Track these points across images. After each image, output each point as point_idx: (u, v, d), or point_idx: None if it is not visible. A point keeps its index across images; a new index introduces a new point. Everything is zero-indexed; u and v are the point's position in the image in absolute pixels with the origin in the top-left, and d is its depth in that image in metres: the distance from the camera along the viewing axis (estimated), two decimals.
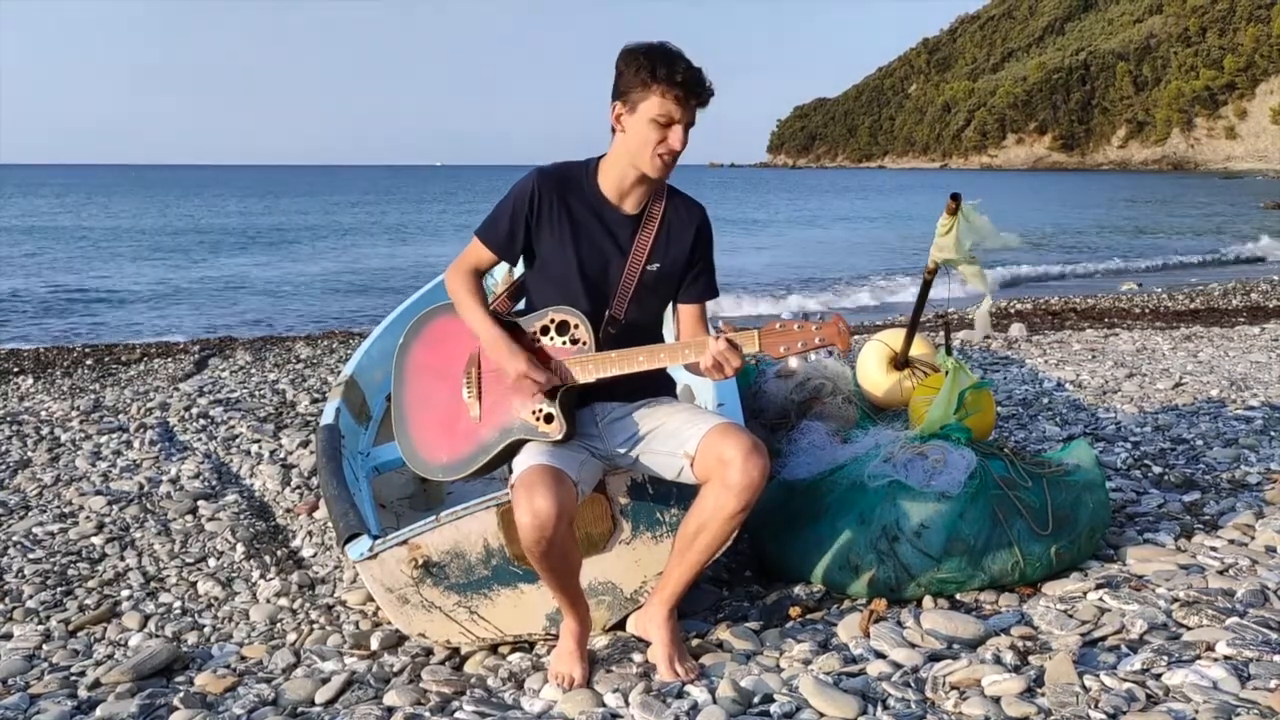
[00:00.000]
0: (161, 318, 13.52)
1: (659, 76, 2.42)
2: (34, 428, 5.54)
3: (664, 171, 2.53)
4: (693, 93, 2.44)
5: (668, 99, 2.43)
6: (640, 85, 2.44)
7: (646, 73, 2.43)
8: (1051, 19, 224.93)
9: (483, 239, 2.69)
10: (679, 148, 2.49)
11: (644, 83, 2.44)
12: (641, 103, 2.45)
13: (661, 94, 2.43)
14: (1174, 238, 26.75)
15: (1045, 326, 9.74)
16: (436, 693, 2.53)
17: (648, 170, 2.52)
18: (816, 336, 2.34)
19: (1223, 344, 7.83)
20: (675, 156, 2.51)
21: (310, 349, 8.93)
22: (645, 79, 2.43)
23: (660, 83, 2.42)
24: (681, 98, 2.43)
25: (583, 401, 2.64)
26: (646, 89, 2.44)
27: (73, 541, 3.82)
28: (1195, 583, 2.84)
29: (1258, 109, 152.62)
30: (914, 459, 3.03)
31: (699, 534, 2.48)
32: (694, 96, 2.45)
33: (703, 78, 2.47)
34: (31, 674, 2.77)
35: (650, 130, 2.46)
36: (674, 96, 2.43)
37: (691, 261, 2.69)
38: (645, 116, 2.45)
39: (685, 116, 2.46)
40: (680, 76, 2.42)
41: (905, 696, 2.31)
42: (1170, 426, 4.80)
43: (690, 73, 2.44)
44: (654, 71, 2.42)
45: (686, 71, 2.43)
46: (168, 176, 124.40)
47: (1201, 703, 2.18)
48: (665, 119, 2.44)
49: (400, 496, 3.81)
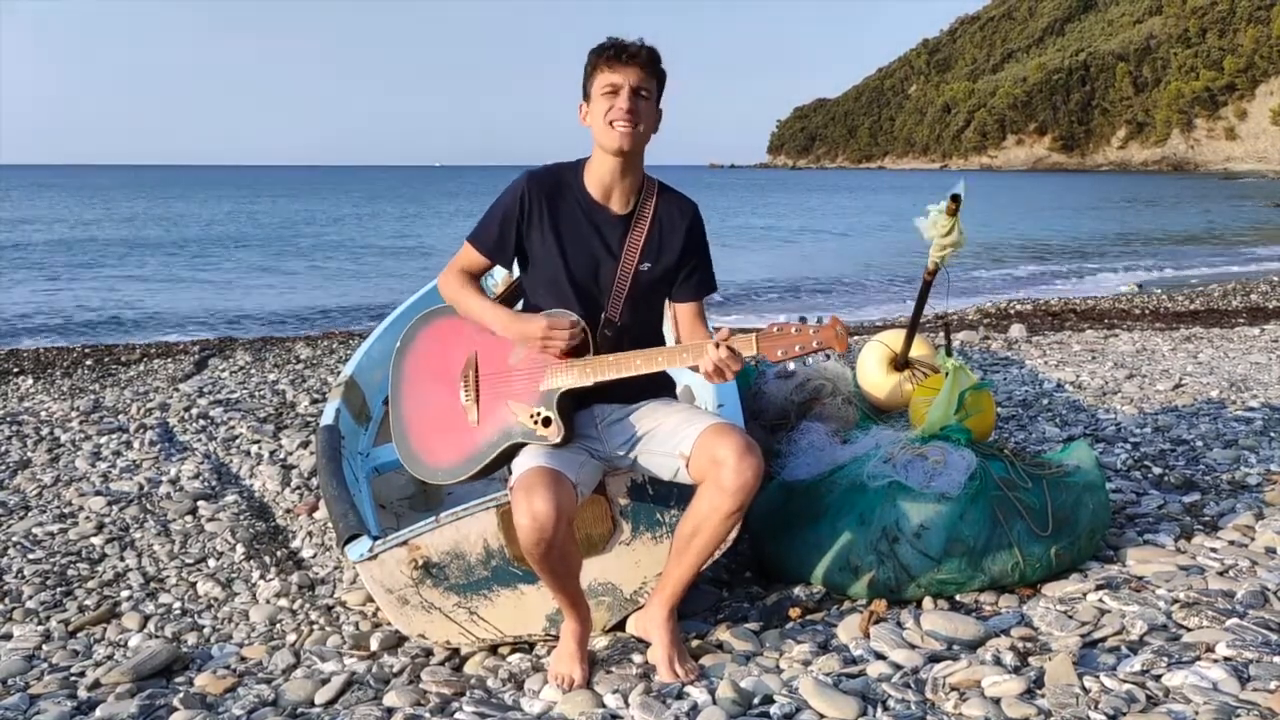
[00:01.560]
0: (161, 318, 13.52)
1: (595, 57, 2.58)
2: (34, 428, 5.54)
3: (624, 139, 2.55)
4: (624, 53, 2.55)
5: (604, 70, 2.57)
6: (589, 75, 2.61)
7: (590, 63, 2.60)
8: (1051, 20, 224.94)
9: (474, 243, 2.71)
10: (627, 106, 2.53)
11: (589, 71, 2.60)
12: (592, 86, 2.59)
13: (601, 69, 2.57)
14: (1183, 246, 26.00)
15: (1045, 327, 9.74)
16: (436, 693, 2.53)
17: (607, 142, 2.57)
18: (814, 340, 2.34)
19: (1223, 345, 7.83)
20: (631, 122, 2.54)
21: (310, 349, 8.93)
22: (590, 68, 2.60)
23: (598, 60, 2.58)
24: (616, 61, 2.55)
25: (582, 403, 2.64)
26: (592, 74, 2.59)
27: (72, 542, 3.82)
28: (1195, 584, 2.84)
29: (1258, 110, 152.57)
30: (914, 460, 3.03)
31: (695, 535, 2.48)
32: (627, 56, 2.55)
33: (629, 43, 2.57)
34: (31, 674, 2.77)
35: (602, 104, 2.57)
36: (609, 65, 2.56)
37: (684, 259, 2.69)
38: (596, 95, 2.58)
39: (628, 79, 2.54)
40: (608, 45, 2.57)
41: (905, 698, 2.31)
42: (1170, 427, 4.80)
43: (619, 41, 2.58)
44: (594, 56, 2.59)
45: (619, 42, 2.58)
46: (167, 177, 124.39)
47: (1201, 704, 2.18)
48: (610, 87, 2.55)
49: (400, 497, 3.81)
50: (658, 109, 2.63)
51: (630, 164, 2.63)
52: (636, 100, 2.54)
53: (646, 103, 2.57)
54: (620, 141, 2.55)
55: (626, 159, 2.61)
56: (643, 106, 2.56)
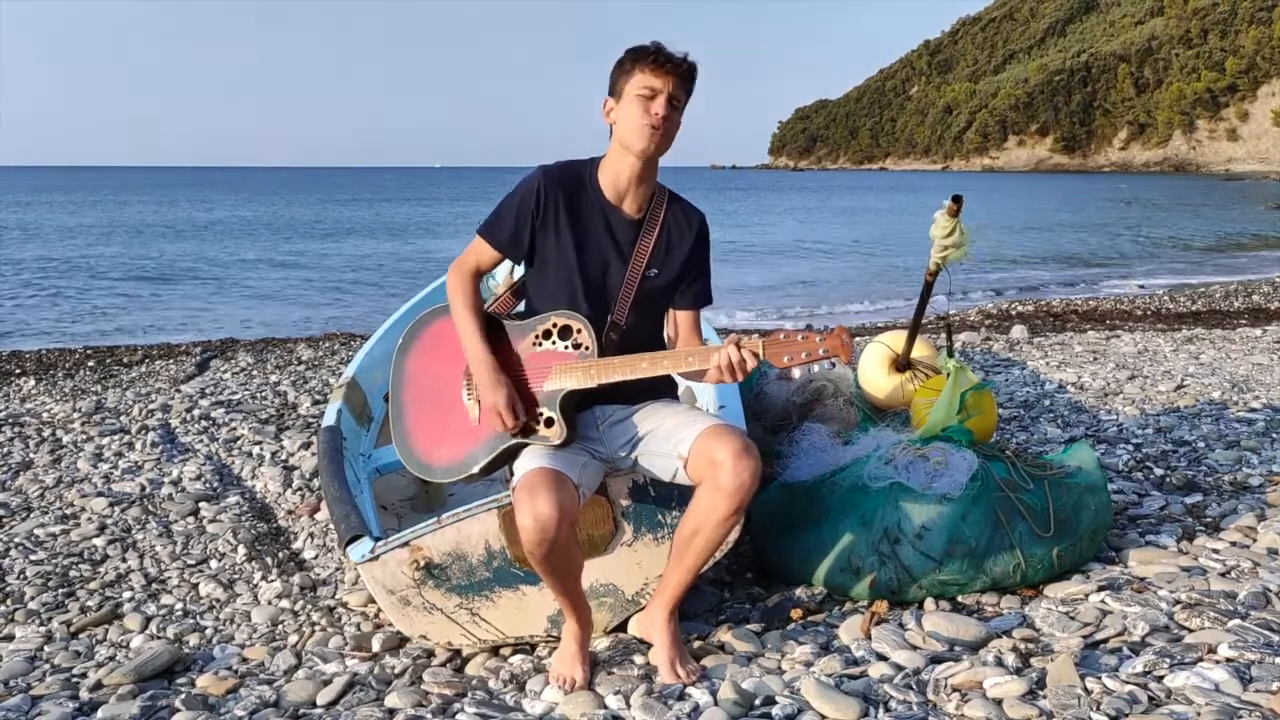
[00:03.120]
0: (162, 318, 13.53)
1: (638, 57, 2.55)
2: (36, 429, 5.54)
3: (652, 143, 2.54)
4: (669, 62, 2.53)
5: (646, 72, 2.54)
6: (624, 73, 2.57)
7: (629, 61, 2.57)
8: (1053, 21, 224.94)
9: (486, 237, 2.69)
10: (663, 113, 2.52)
11: (626, 70, 2.57)
12: (626, 85, 2.56)
13: (641, 70, 2.54)
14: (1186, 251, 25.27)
15: (1046, 328, 9.74)
16: (438, 694, 2.53)
17: (634, 143, 2.55)
18: (820, 348, 2.35)
19: (1224, 346, 7.83)
20: (662, 129, 2.53)
21: (312, 350, 8.93)
22: (628, 66, 2.57)
23: (639, 61, 2.55)
24: (659, 67, 2.53)
25: (583, 404, 2.64)
26: (629, 73, 2.56)
27: (74, 543, 3.82)
28: (1197, 585, 2.84)
29: (1259, 111, 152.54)
30: (915, 461, 3.03)
31: (695, 536, 2.49)
32: (671, 65, 2.53)
33: (674, 52, 2.55)
34: (33, 675, 2.77)
35: (636, 105, 2.54)
36: (651, 69, 2.53)
37: (688, 268, 2.70)
38: (630, 94, 2.55)
39: (666, 87, 2.53)
40: (653, 49, 2.55)
41: (907, 699, 2.31)
42: (1172, 428, 4.80)
43: (666, 50, 2.55)
44: (635, 56, 2.56)
45: (662, 49, 2.55)
46: (165, 177, 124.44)
47: (1203, 705, 2.17)
48: (648, 91, 2.53)
49: (402, 498, 3.81)
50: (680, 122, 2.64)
51: (648, 168, 2.63)
52: (670, 109, 2.54)
53: (676, 113, 2.57)
54: (648, 145, 2.54)
55: (647, 163, 2.60)
56: (672, 117, 2.56)
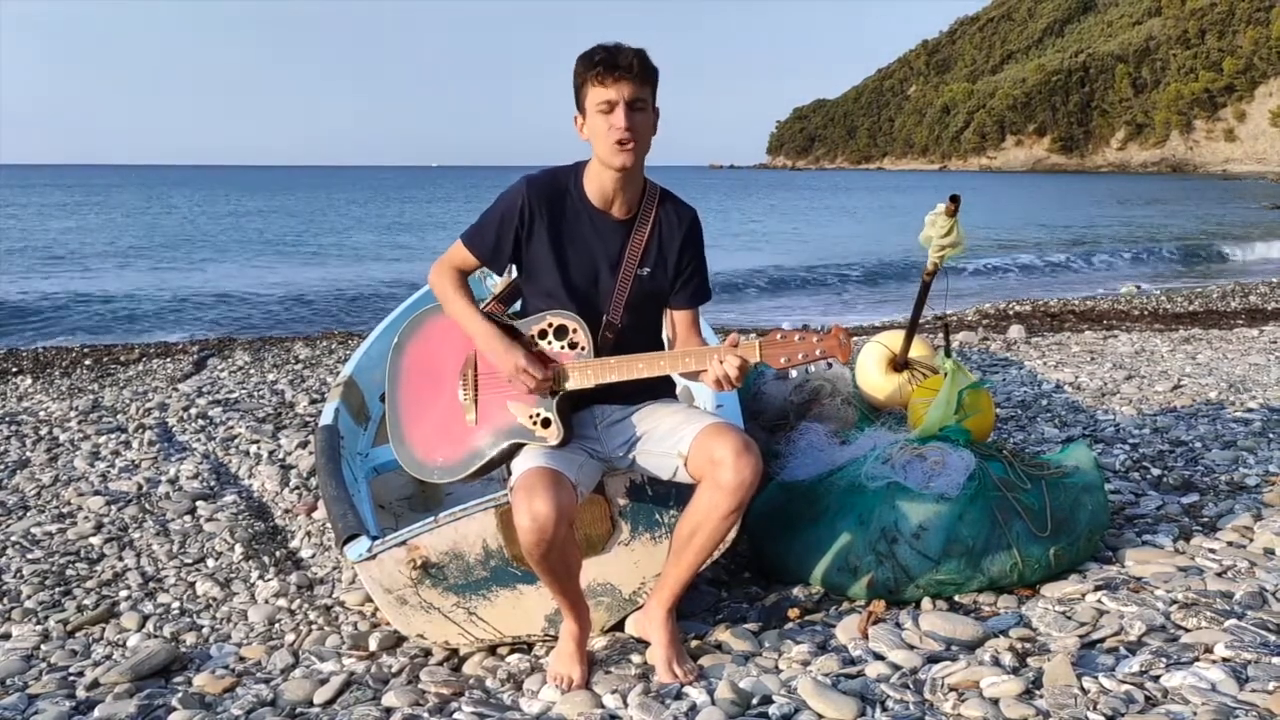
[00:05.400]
0: (160, 317, 13.51)
1: (586, 69, 2.48)
2: (33, 428, 5.54)
3: (625, 158, 2.49)
4: (613, 66, 2.45)
5: (596, 84, 2.47)
6: (579, 87, 2.52)
7: (579, 74, 2.51)
8: (1050, 21, 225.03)
9: (468, 245, 2.67)
10: (623, 125, 2.46)
11: (580, 84, 2.52)
12: (585, 100, 2.51)
13: (592, 83, 2.48)
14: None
15: (1044, 328, 9.74)
16: (435, 694, 2.53)
17: (609, 160, 2.51)
18: (817, 348, 2.34)
19: (1221, 346, 7.83)
20: (630, 140, 2.47)
21: (309, 349, 8.92)
22: (579, 80, 2.51)
23: (588, 73, 2.48)
24: (604, 76, 2.46)
25: (582, 404, 2.64)
26: (583, 87, 2.51)
27: (71, 542, 3.82)
28: (1194, 585, 2.85)
29: (1257, 112, 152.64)
30: (913, 460, 3.03)
31: (694, 534, 2.48)
32: (620, 71, 2.45)
33: (619, 53, 2.46)
34: (30, 674, 2.77)
35: (599, 121, 2.49)
36: (598, 79, 2.47)
37: (681, 266, 2.68)
38: (591, 110, 2.50)
39: (621, 94, 2.45)
40: (598, 58, 2.46)
41: (904, 698, 2.32)
42: (1169, 429, 4.80)
43: (606, 52, 2.47)
44: (583, 68, 2.49)
45: (603, 52, 2.47)
46: (164, 177, 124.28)
47: (1200, 704, 2.18)
48: (605, 105, 2.47)
49: (399, 497, 3.81)
50: (655, 111, 2.56)
51: (632, 175, 2.58)
52: (633, 116, 2.47)
53: (643, 114, 2.50)
54: (623, 161, 2.50)
55: (628, 172, 2.56)
56: (640, 120, 2.49)
